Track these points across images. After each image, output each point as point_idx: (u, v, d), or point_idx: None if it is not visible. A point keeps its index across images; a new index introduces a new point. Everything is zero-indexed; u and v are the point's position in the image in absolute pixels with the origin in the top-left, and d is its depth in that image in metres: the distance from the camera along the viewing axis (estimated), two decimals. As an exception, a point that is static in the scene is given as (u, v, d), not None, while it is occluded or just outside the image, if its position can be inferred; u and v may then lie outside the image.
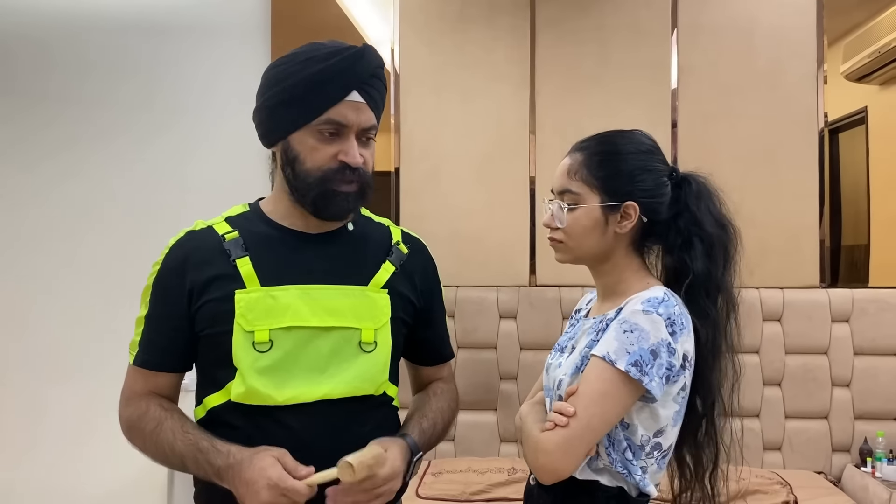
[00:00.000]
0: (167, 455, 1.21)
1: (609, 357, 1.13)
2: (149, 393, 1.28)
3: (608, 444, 1.19)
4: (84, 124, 3.09)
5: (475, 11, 3.15)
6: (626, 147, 1.27)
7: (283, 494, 1.09)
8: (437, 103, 3.15)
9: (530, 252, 3.11)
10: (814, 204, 3.01)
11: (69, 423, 3.00)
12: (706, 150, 3.00)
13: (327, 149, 1.22)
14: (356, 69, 1.22)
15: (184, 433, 1.21)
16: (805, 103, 3.02)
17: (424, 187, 3.13)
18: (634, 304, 1.17)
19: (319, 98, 1.21)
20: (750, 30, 3.06)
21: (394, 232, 1.41)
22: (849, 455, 2.87)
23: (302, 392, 1.21)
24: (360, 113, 1.23)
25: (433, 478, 2.68)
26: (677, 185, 1.28)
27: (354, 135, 1.23)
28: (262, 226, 1.30)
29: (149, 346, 1.27)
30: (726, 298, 1.25)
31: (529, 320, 3.02)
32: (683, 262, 1.24)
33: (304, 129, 1.23)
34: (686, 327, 1.18)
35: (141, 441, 1.26)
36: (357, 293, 1.27)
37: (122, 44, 3.11)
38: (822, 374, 2.89)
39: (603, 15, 3.11)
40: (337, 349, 1.24)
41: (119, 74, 3.11)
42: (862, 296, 2.90)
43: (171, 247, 1.29)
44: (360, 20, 3.19)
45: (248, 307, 1.21)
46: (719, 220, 1.27)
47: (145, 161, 3.10)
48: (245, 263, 1.24)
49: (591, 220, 1.24)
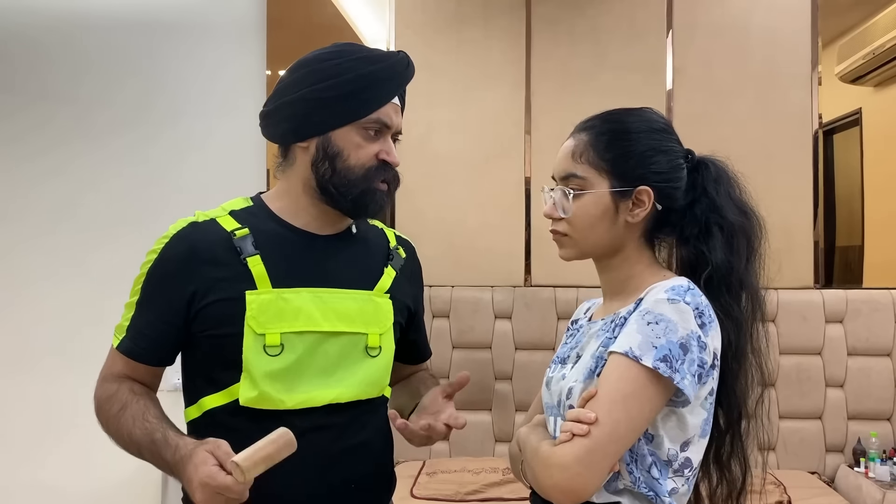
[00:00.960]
0: (126, 442, 1.17)
1: (633, 353, 0.96)
2: (125, 376, 1.24)
3: (630, 461, 1.02)
4: (80, 123, 3.08)
5: (471, 11, 3.16)
6: (636, 125, 1.13)
7: (217, 492, 1.02)
8: (433, 103, 3.15)
9: (525, 252, 3.11)
10: (808, 205, 3.02)
11: (62, 420, 2.99)
12: (701, 150, 2.97)
13: (371, 147, 1.24)
14: (404, 74, 1.28)
15: (143, 421, 1.15)
16: (799, 104, 3.03)
17: (421, 187, 3.13)
18: (657, 292, 1.02)
19: (372, 97, 1.23)
20: (745, 31, 3.07)
21: (389, 235, 1.41)
22: (842, 455, 2.88)
23: (312, 396, 1.20)
24: (398, 116, 1.28)
25: (428, 478, 2.68)
26: (694, 169, 1.15)
27: (393, 136, 1.28)
28: (271, 223, 1.26)
29: (136, 336, 1.22)
30: (751, 296, 1.10)
31: (524, 320, 3.02)
32: (701, 252, 1.09)
33: (351, 125, 1.22)
34: (714, 320, 1.02)
35: (105, 423, 1.21)
36: (364, 298, 1.27)
37: (117, 43, 3.10)
38: (816, 374, 2.90)
39: (598, 15, 3.12)
40: (345, 354, 1.24)
41: (114, 74, 3.10)
42: (856, 296, 2.91)
43: (172, 237, 1.22)
44: (355, 20, 3.19)
45: (260, 309, 1.18)
46: (741, 207, 1.14)
47: (139, 160, 3.09)
48: (257, 263, 1.20)
49: (599, 207, 1.09)
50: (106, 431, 1.21)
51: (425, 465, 2.81)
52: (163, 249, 1.21)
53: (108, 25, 3.10)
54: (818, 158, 3.02)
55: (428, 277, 1.50)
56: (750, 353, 1.10)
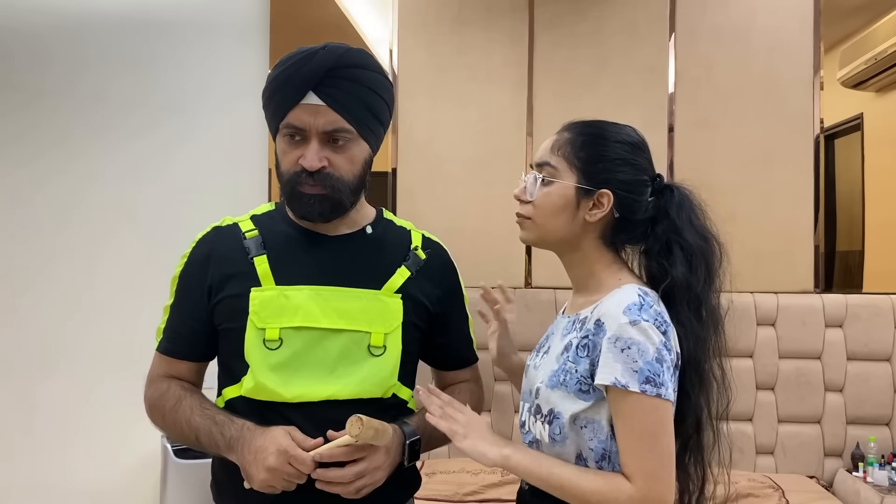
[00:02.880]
0: (184, 430, 1.25)
1: (620, 382, 1.06)
2: (170, 377, 1.33)
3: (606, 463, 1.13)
4: (85, 121, 3.08)
5: (473, 14, 3.16)
6: (613, 135, 1.23)
7: (290, 462, 1.13)
8: (435, 104, 3.16)
9: (526, 254, 3.12)
10: (809, 209, 3.02)
11: (61, 419, 3.00)
12: (702, 154, 3.02)
13: (293, 153, 1.25)
14: (305, 71, 1.21)
15: (202, 409, 1.26)
16: (801, 109, 3.03)
17: (421, 188, 3.14)
18: (615, 314, 1.09)
19: (279, 103, 1.24)
20: (747, 35, 3.07)
21: (414, 237, 1.41)
22: (841, 460, 2.88)
23: (309, 391, 1.23)
24: (320, 116, 1.22)
25: (427, 478, 2.68)
26: (659, 192, 1.22)
27: (317, 138, 1.23)
28: (283, 225, 1.34)
29: (171, 335, 1.33)
30: (709, 314, 1.18)
31: (525, 322, 2.97)
32: (663, 266, 1.17)
33: (278, 133, 1.27)
34: (669, 323, 1.12)
35: (161, 418, 1.30)
36: (369, 297, 1.29)
37: (122, 41, 3.11)
38: (816, 378, 2.90)
39: (601, 18, 3.13)
40: (346, 351, 1.26)
41: (118, 72, 3.10)
42: (855, 301, 2.92)
43: (198, 241, 1.34)
44: (358, 21, 3.20)
45: (262, 305, 1.25)
46: (701, 233, 1.20)
47: (142, 158, 3.10)
48: (262, 262, 1.27)
49: (562, 198, 1.19)
50: (160, 426, 1.32)
51: (424, 465, 2.82)
52: (190, 254, 1.33)
53: (112, 24, 3.11)
54: (819, 163, 3.02)
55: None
56: (708, 367, 1.18)
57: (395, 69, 3.16)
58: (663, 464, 1.07)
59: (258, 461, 1.14)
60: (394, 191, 3.13)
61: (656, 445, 1.07)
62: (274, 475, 1.14)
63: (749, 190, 3.00)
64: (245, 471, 1.18)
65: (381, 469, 1.20)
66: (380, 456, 1.20)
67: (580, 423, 1.13)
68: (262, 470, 1.14)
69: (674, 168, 3.03)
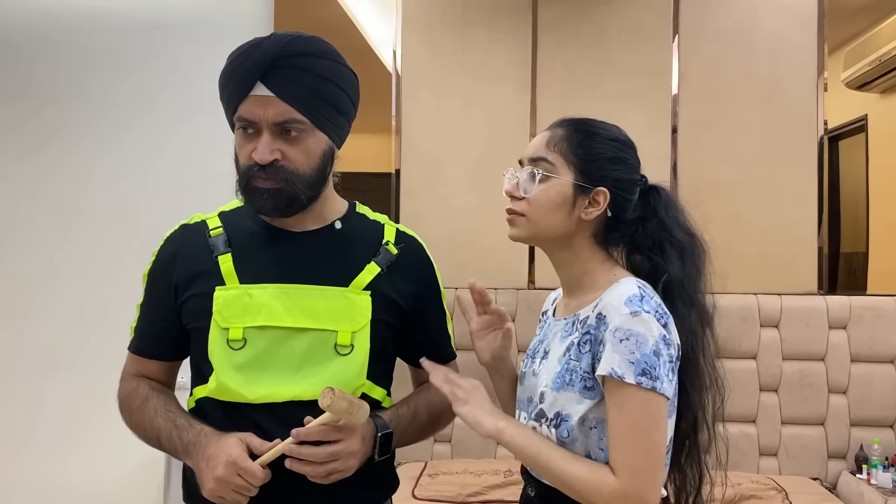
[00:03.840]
0: (147, 430, 1.25)
1: (616, 373, 1.05)
2: (140, 376, 1.33)
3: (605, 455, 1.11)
4: (87, 121, 3.10)
5: (477, 14, 3.16)
6: (606, 133, 1.22)
7: (239, 474, 1.11)
8: (438, 105, 3.16)
9: (529, 255, 3.12)
10: (813, 211, 3.01)
11: (65, 418, 3.01)
12: (706, 156, 3.01)
13: (247, 146, 1.21)
14: (251, 61, 1.17)
15: (165, 410, 1.24)
16: (805, 111, 3.03)
17: (425, 189, 3.14)
18: (617, 305, 1.08)
19: (230, 96, 1.22)
20: (751, 36, 3.07)
21: (387, 231, 1.36)
22: (844, 462, 2.87)
23: (273, 392, 1.21)
24: (269, 107, 1.17)
25: (429, 479, 2.68)
26: (646, 192, 1.23)
27: (269, 130, 1.19)
28: (249, 222, 1.31)
29: (141, 334, 1.33)
30: (699, 312, 1.19)
31: (528, 323, 3.02)
32: (656, 263, 1.18)
33: (236, 129, 1.24)
34: (669, 315, 1.12)
35: (128, 416, 1.30)
36: (336, 294, 1.25)
37: (125, 42, 3.12)
38: (819, 380, 2.89)
39: (604, 19, 3.12)
40: (311, 351, 1.23)
41: (121, 73, 3.12)
42: (859, 303, 2.91)
43: (166, 239, 1.33)
44: (362, 22, 3.20)
45: (225, 304, 1.22)
46: (687, 230, 1.22)
47: (147, 159, 3.11)
48: (226, 260, 1.25)
49: (559, 195, 1.17)
50: (129, 426, 1.30)
51: (427, 466, 2.82)
52: (158, 251, 1.33)
53: (116, 24, 3.12)
54: (823, 164, 3.01)
55: (432, 279, 1.49)
56: (703, 364, 1.18)
57: (398, 70, 3.16)
58: (650, 459, 1.05)
59: (209, 469, 1.13)
60: (397, 192, 3.13)
61: (644, 440, 1.05)
62: (222, 486, 1.11)
63: (753, 191, 3.00)
64: (198, 477, 1.16)
65: (354, 456, 1.17)
66: (355, 441, 1.17)
67: (589, 425, 1.11)
68: (211, 479, 1.12)
69: (677, 169, 3.02)
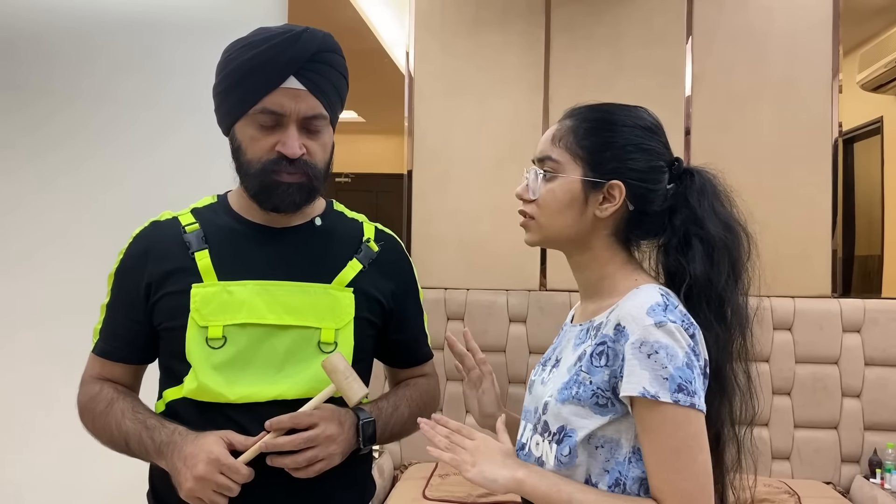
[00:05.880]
0: (113, 434, 1.19)
1: (649, 393, 0.94)
2: (104, 379, 1.26)
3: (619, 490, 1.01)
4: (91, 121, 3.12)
5: (490, 15, 3.17)
6: (622, 119, 1.08)
7: (221, 471, 1.06)
8: (451, 107, 3.17)
9: (541, 257, 3.12)
10: (827, 213, 3.00)
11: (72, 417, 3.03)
12: (719, 157, 2.96)
13: (266, 139, 1.17)
14: (289, 54, 1.15)
15: (134, 412, 1.18)
16: (820, 112, 3.01)
17: (437, 190, 3.15)
18: (638, 316, 0.97)
19: (254, 86, 1.16)
20: (765, 38, 3.05)
21: (366, 229, 1.33)
22: (858, 466, 2.85)
23: (255, 391, 1.16)
24: (300, 101, 1.16)
25: (440, 480, 2.69)
26: (678, 177, 1.09)
27: (296, 124, 1.16)
28: (226, 218, 1.27)
29: (108, 336, 1.26)
30: (734, 313, 1.06)
31: (539, 324, 3.02)
32: (680, 264, 1.05)
33: (245, 118, 1.18)
34: (696, 325, 1.01)
35: (91, 421, 1.24)
36: (319, 291, 1.22)
37: (138, 42, 3.14)
38: (833, 383, 2.87)
39: (618, 21, 3.12)
40: (294, 349, 1.20)
41: (131, 72, 3.14)
42: (873, 306, 2.89)
43: (135, 237, 1.27)
44: (375, 23, 3.21)
45: (204, 302, 1.17)
46: (726, 221, 1.07)
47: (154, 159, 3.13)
48: (203, 257, 1.20)
49: (567, 194, 1.06)
50: (91, 430, 1.25)
51: (437, 466, 2.82)
52: (126, 249, 1.26)
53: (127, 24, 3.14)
54: (838, 167, 3.00)
55: (443, 280, 1.49)
56: (730, 372, 1.06)
57: (411, 72, 3.17)
58: (700, 483, 0.95)
59: (188, 468, 1.07)
60: (409, 193, 3.14)
61: (692, 463, 0.95)
62: (202, 485, 1.06)
63: (766, 193, 2.98)
64: (174, 479, 1.10)
65: (333, 441, 1.12)
66: (332, 426, 1.12)
67: (595, 443, 1.01)
68: (190, 479, 1.06)
69: (690, 171, 3.01)
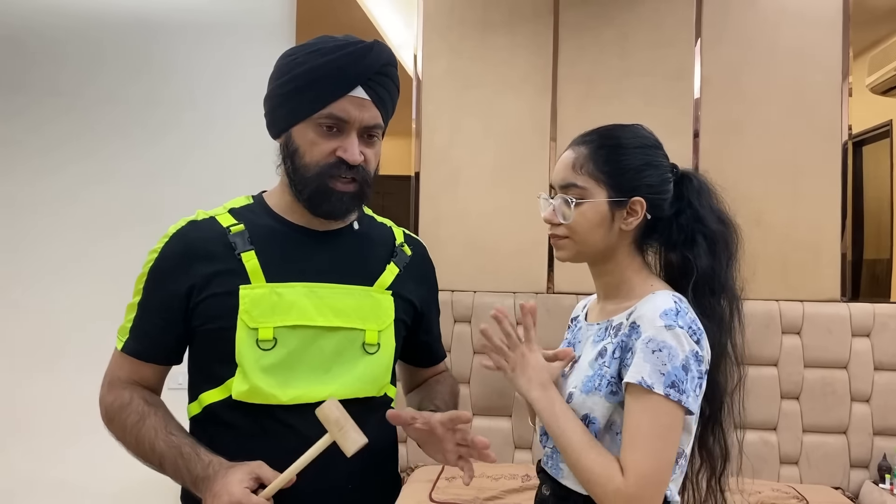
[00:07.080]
0: (146, 452, 1.18)
1: (645, 382, 1.09)
2: (133, 382, 1.25)
3: None
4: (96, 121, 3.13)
5: (498, 18, 3.17)
6: (630, 141, 1.25)
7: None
8: (459, 108, 3.17)
9: (548, 259, 3.11)
10: (836, 217, 2.98)
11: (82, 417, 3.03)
12: (728, 160, 2.99)
13: (327, 144, 1.20)
14: (361, 65, 1.19)
15: (167, 433, 1.17)
16: (829, 115, 3.00)
17: (444, 192, 3.14)
18: (652, 318, 1.13)
19: (322, 91, 1.19)
20: (774, 41, 3.04)
21: (397, 233, 1.40)
22: (867, 471, 2.84)
23: (306, 392, 1.19)
24: (364, 110, 1.20)
25: (447, 482, 2.68)
26: (679, 182, 1.27)
27: (357, 132, 1.20)
28: (267, 219, 1.28)
29: (139, 336, 1.24)
30: (729, 296, 1.23)
31: (546, 327, 2.99)
32: (687, 259, 1.22)
33: (306, 122, 1.20)
34: (702, 330, 1.16)
35: (120, 431, 1.22)
36: (362, 294, 1.26)
37: (149, 43, 3.15)
38: (842, 388, 2.86)
39: (626, 23, 3.11)
40: (341, 350, 1.23)
41: (140, 72, 3.15)
42: (883, 310, 2.87)
43: (172, 236, 1.25)
44: (383, 25, 3.21)
45: (253, 303, 1.18)
46: (720, 217, 1.26)
47: (162, 159, 3.14)
48: (251, 258, 1.21)
49: (597, 215, 1.21)
50: (120, 439, 1.23)
51: (444, 469, 2.81)
52: (162, 248, 1.24)
53: (137, 25, 3.15)
54: (847, 170, 2.98)
55: (450, 282, 1.51)
56: (729, 348, 1.24)
57: (419, 74, 3.17)
58: (660, 469, 1.09)
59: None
60: (416, 195, 3.14)
61: (662, 450, 1.09)
62: None
63: (775, 197, 2.97)
64: None
65: None
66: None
67: (616, 430, 1.16)
68: None
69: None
